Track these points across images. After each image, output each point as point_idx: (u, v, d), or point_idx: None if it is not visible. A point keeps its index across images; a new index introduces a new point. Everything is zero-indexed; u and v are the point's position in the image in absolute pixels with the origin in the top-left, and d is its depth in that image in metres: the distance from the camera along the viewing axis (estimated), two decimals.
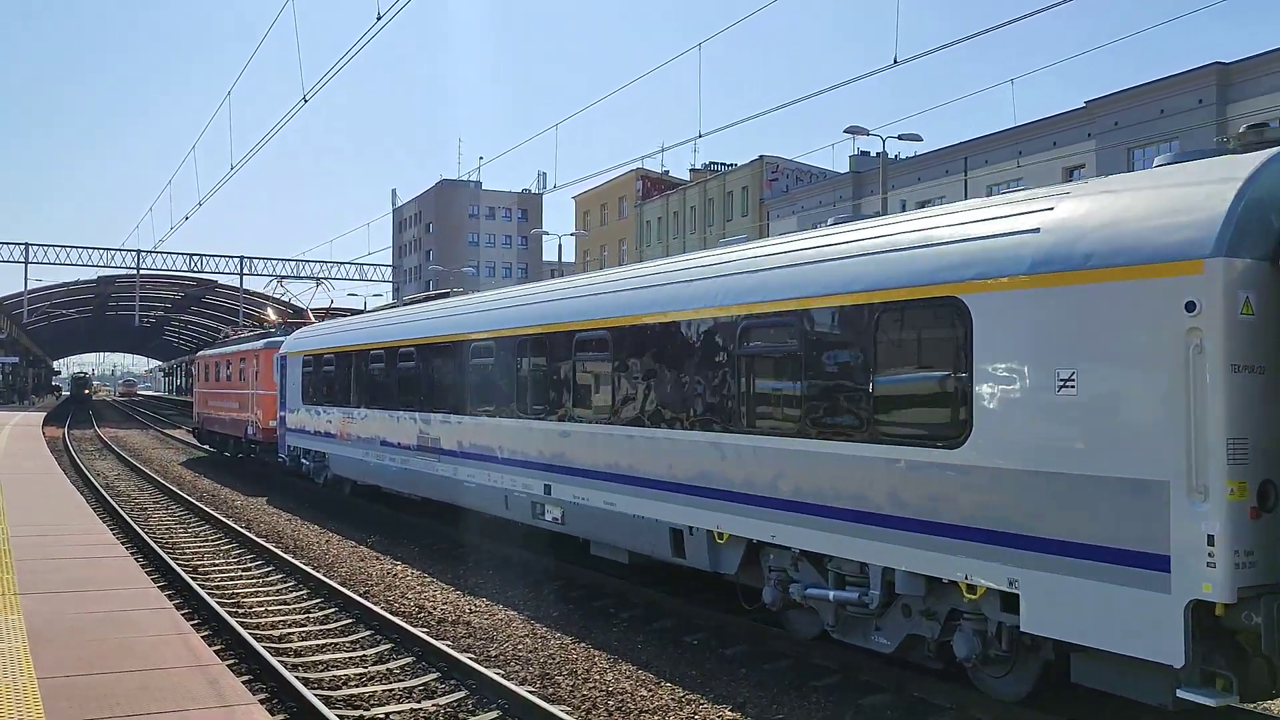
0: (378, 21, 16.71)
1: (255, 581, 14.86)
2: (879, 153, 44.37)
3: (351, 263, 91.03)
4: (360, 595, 13.18)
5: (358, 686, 9.64)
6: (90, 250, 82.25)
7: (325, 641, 11.31)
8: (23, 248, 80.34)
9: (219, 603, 12.76)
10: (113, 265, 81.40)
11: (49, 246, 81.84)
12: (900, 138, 41.70)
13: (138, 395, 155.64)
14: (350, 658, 10.66)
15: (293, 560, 15.45)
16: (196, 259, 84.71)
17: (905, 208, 50.21)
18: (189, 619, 11.47)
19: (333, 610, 12.78)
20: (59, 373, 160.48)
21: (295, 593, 14.00)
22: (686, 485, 10.72)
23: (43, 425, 47.21)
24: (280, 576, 15.08)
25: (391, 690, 9.48)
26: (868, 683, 9.35)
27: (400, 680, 9.80)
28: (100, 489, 24.78)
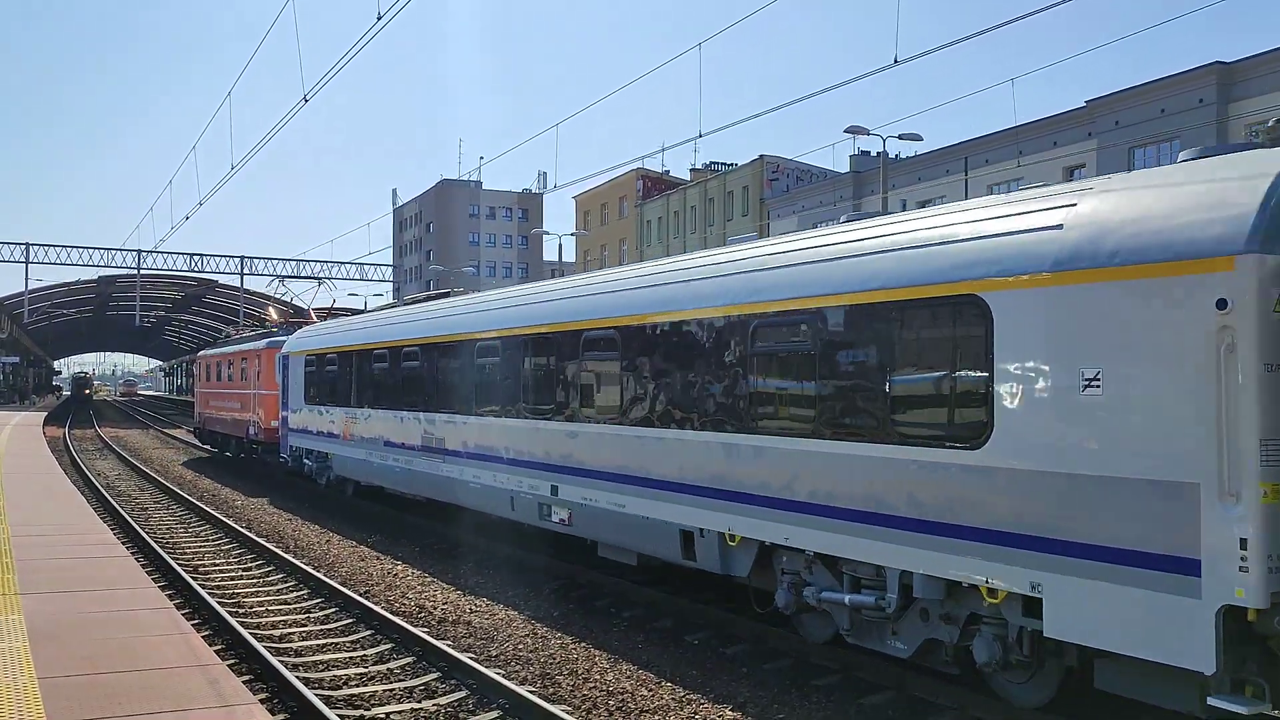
0: (378, 21, 16.60)
1: (256, 581, 14.76)
2: (879, 152, 44.20)
3: (352, 262, 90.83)
4: (361, 595, 13.13)
5: (358, 686, 9.61)
6: (91, 250, 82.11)
7: (326, 641, 11.26)
8: (23, 247, 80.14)
9: (219, 602, 12.72)
10: (113, 265, 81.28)
11: (49, 246, 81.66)
12: (901, 137, 41.60)
13: (138, 395, 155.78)
14: (351, 657, 10.61)
15: (293, 560, 15.36)
16: (197, 259, 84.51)
17: (906, 207, 50.09)
18: (189, 619, 11.48)
19: (333, 610, 12.72)
20: (59, 372, 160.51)
21: (296, 592, 13.92)
22: (697, 486, 10.56)
23: (43, 425, 47.13)
24: (281, 576, 14.99)
25: (392, 690, 9.45)
26: (868, 682, 9.33)
27: (401, 680, 9.77)
28: (101, 489, 24.66)
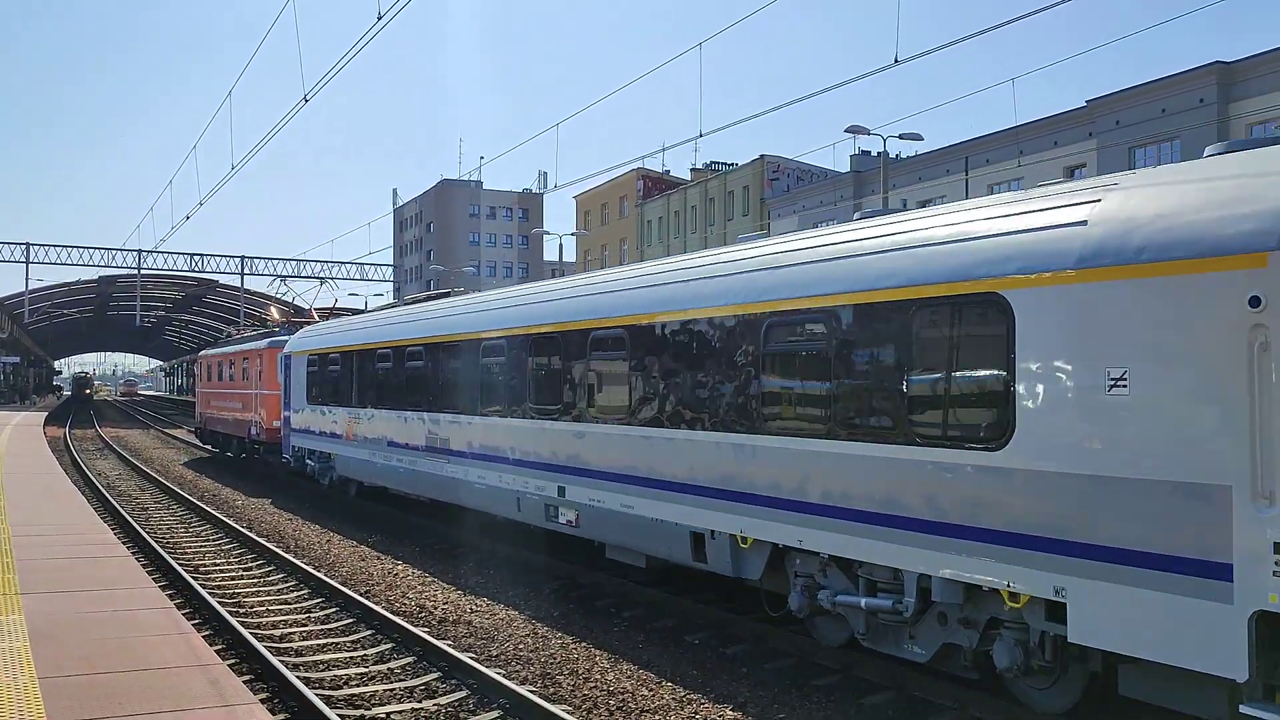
0: (378, 21, 16.51)
1: (256, 581, 14.64)
2: (880, 152, 44.05)
3: (353, 262, 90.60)
4: (361, 595, 13.04)
5: (359, 686, 9.54)
6: (91, 250, 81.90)
7: (326, 641, 11.17)
8: (24, 247, 79.97)
9: (220, 602, 12.63)
10: (114, 265, 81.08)
11: (50, 246, 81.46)
12: (901, 137, 41.55)
13: (139, 395, 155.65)
14: (351, 657, 10.54)
15: (294, 560, 15.25)
16: (197, 259, 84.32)
17: (906, 206, 49.85)
18: (190, 619, 11.43)
19: (334, 610, 12.63)
20: (60, 372, 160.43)
21: (296, 592, 13.82)
22: (708, 488, 10.40)
23: (44, 425, 47.04)
24: (281, 576, 14.89)
25: (392, 690, 9.38)
26: (869, 682, 9.26)
27: (401, 680, 9.71)
28: (102, 489, 24.52)
